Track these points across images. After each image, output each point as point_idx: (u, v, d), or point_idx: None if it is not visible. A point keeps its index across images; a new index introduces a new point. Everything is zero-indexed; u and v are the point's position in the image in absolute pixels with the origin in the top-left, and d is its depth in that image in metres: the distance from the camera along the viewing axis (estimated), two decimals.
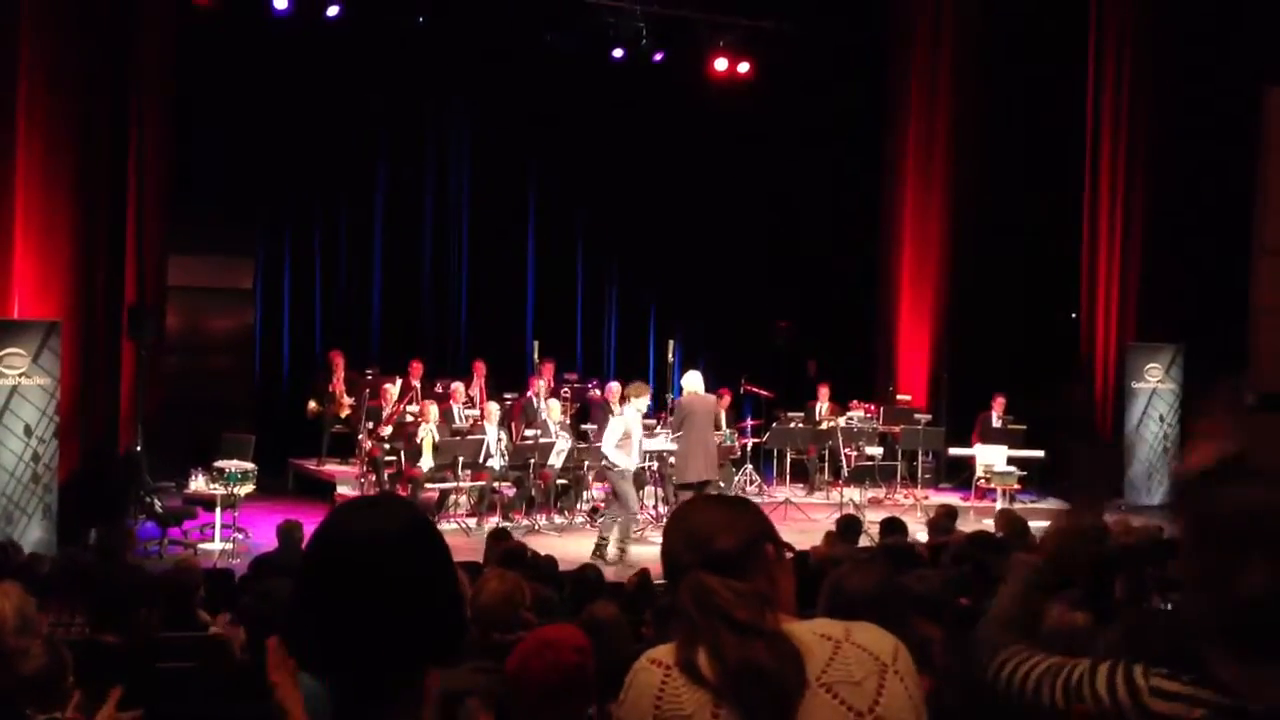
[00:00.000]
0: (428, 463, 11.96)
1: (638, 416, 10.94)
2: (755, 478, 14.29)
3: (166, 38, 12.24)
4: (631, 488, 11.03)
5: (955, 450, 14.37)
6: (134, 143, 11.64)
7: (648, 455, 11.97)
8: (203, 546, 10.58)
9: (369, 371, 14.15)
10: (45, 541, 9.68)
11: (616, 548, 10.65)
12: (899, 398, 15.25)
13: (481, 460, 11.96)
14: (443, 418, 12.39)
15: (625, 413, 11.04)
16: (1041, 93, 14.78)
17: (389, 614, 1.65)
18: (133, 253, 11.72)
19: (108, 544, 7.97)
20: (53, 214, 10.84)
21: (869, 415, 14.49)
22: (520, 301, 16.88)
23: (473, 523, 11.75)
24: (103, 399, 11.33)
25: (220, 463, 10.96)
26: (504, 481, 12.17)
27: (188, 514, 11.05)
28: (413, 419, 12.53)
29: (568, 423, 13.18)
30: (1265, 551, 1.71)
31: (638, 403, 10.92)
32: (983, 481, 13.48)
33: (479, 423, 12.59)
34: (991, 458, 13.44)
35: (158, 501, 11.13)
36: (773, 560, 1.92)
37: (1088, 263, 14.64)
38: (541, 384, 13.62)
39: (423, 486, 11.81)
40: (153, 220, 12.07)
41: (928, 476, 14.59)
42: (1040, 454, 13.71)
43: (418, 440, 12.02)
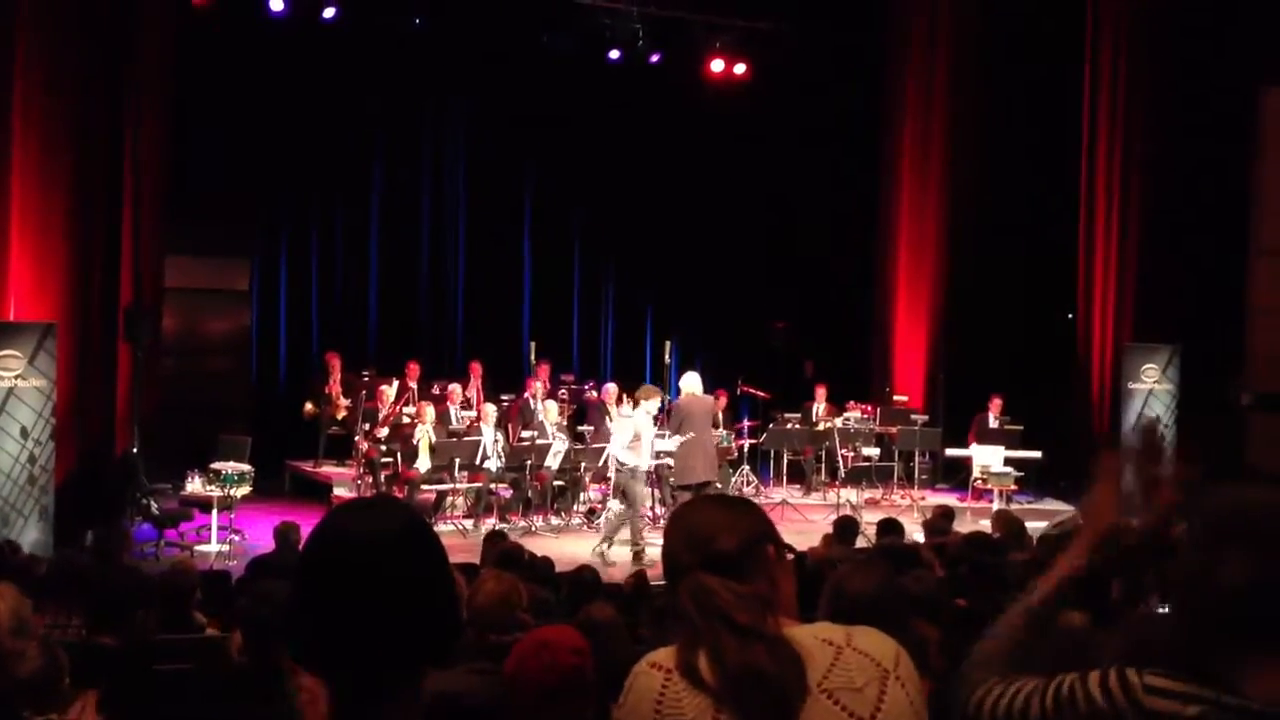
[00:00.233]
0: (424, 464, 11.96)
1: (648, 419, 10.91)
2: (752, 479, 14.27)
3: (164, 39, 12.23)
4: (643, 488, 11.01)
5: (952, 451, 14.37)
6: (130, 144, 11.62)
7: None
8: (199, 548, 10.57)
9: (365, 373, 14.14)
10: (42, 543, 9.66)
11: (631, 549, 10.62)
12: (896, 398, 15.24)
13: (478, 461, 11.96)
14: (439, 419, 12.39)
15: (636, 415, 11.06)
16: (1038, 93, 14.79)
17: (386, 615, 1.65)
18: (129, 254, 11.70)
19: (104, 546, 7.94)
20: (49, 215, 10.83)
21: (866, 416, 14.49)
22: (517, 303, 16.87)
23: (469, 524, 11.74)
24: (99, 401, 11.32)
25: (217, 464, 10.97)
26: (501, 483, 12.17)
27: (184, 516, 11.05)
28: (409, 420, 12.52)
29: (565, 424, 13.18)
30: (1245, 544, 1.73)
31: (648, 405, 10.91)
32: (980, 482, 13.49)
33: (476, 424, 12.59)
34: (988, 458, 13.45)
35: (154, 503, 11.11)
36: (774, 561, 1.90)
37: (1084, 263, 14.64)
38: (538, 385, 13.61)
39: (419, 488, 11.81)
40: (149, 221, 12.05)
41: (924, 477, 14.58)
42: (1037, 455, 13.72)
43: (414, 442, 12.01)
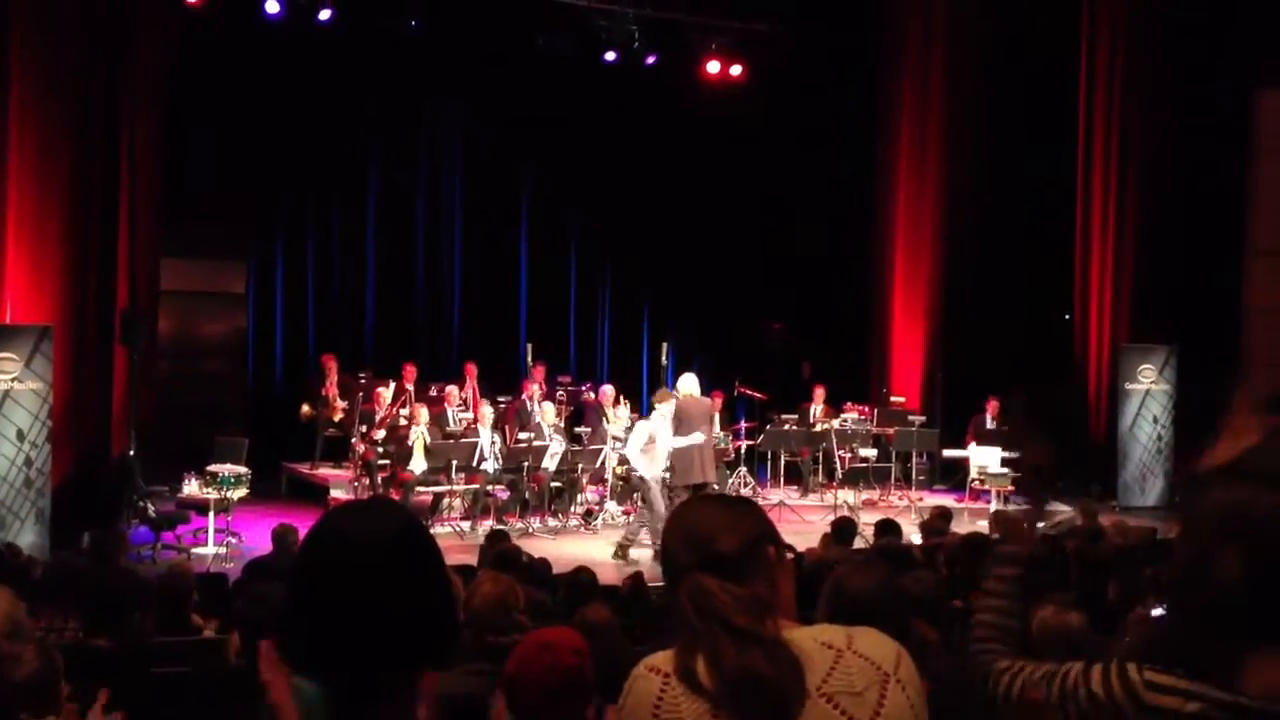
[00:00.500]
0: (420, 466, 11.94)
1: (665, 422, 10.86)
2: (749, 480, 14.26)
3: (159, 42, 12.22)
4: (659, 492, 11.00)
5: (949, 452, 14.39)
6: (126, 146, 11.61)
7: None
8: (196, 551, 10.55)
9: (362, 375, 14.13)
10: (38, 546, 9.65)
11: (652, 550, 10.54)
12: (893, 399, 15.24)
13: (475, 463, 11.95)
14: (436, 421, 12.38)
15: (652, 418, 11.08)
16: (1034, 94, 14.81)
17: (382, 616, 1.65)
18: (125, 257, 11.70)
19: (101, 548, 7.92)
20: (45, 218, 10.82)
21: (863, 417, 14.49)
22: (513, 304, 16.87)
23: (466, 526, 11.73)
24: (95, 403, 11.31)
25: (213, 467, 10.96)
26: (498, 484, 12.17)
27: (181, 518, 11.03)
28: (406, 422, 12.51)
29: (562, 426, 13.17)
30: (1240, 541, 1.73)
31: (663, 408, 10.90)
32: (977, 483, 13.49)
33: (473, 426, 12.58)
34: (985, 459, 13.44)
35: (151, 506, 11.11)
36: (774, 563, 1.87)
37: (1081, 264, 14.66)
38: (535, 387, 13.60)
39: (414, 490, 11.80)
40: (145, 224, 12.05)
41: (922, 478, 14.57)
42: None
43: (409, 443, 12.00)
